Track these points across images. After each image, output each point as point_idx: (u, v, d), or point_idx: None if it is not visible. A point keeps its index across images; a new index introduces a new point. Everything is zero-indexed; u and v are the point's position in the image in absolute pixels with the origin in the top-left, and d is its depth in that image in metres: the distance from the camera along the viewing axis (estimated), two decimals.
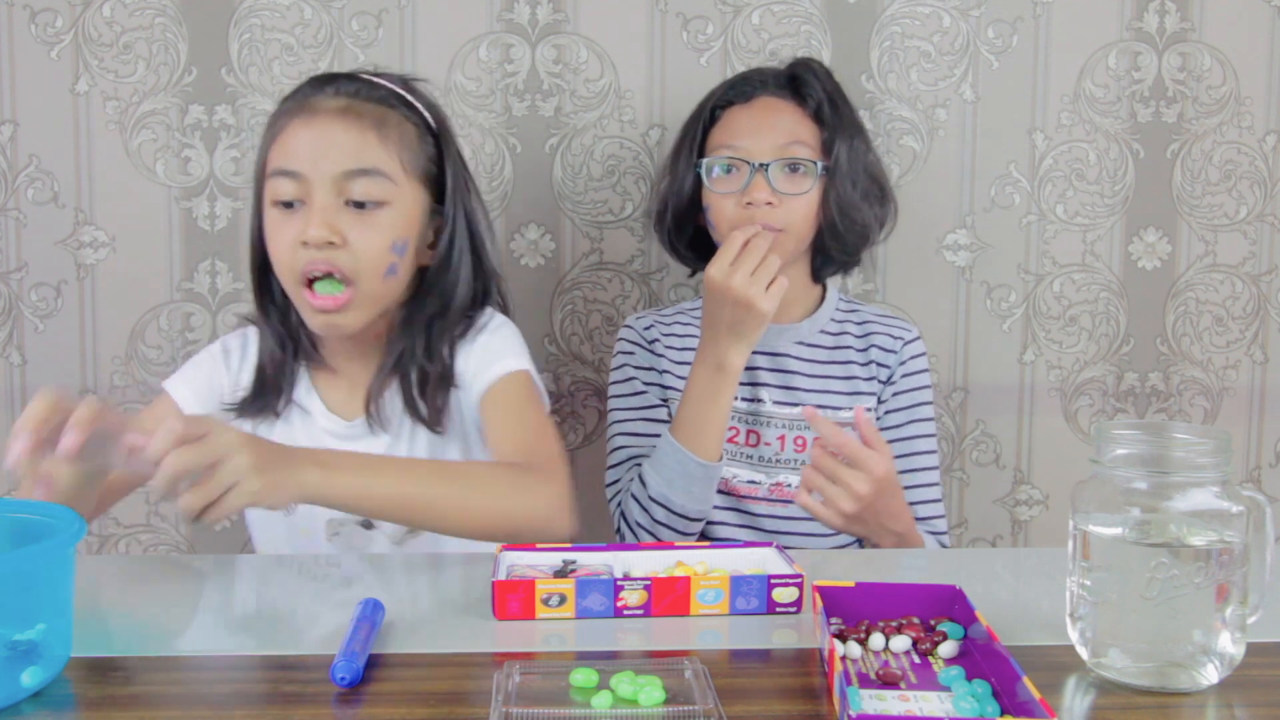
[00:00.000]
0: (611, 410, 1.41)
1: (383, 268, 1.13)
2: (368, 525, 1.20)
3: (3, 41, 1.53)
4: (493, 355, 1.18)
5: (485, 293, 1.24)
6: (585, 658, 0.79)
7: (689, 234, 1.41)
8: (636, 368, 1.41)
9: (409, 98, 1.18)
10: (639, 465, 1.32)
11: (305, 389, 1.22)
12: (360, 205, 1.11)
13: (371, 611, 0.82)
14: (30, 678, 0.71)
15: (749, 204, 1.29)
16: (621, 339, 1.44)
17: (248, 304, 1.56)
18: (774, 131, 1.31)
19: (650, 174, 1.59)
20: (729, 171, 1.31)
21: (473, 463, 1.14)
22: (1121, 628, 0.74)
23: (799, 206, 1.30)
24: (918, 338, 1.40)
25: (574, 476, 1.65)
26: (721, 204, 1.31)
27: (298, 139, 1.12)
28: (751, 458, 1.37)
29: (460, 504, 0.99)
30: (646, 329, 1.43)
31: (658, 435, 1.34)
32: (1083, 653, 0.77)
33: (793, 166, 1.30)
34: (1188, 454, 0.75)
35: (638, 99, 1.59)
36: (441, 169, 1.19)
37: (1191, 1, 1.62)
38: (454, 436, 1.20)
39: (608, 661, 0.76)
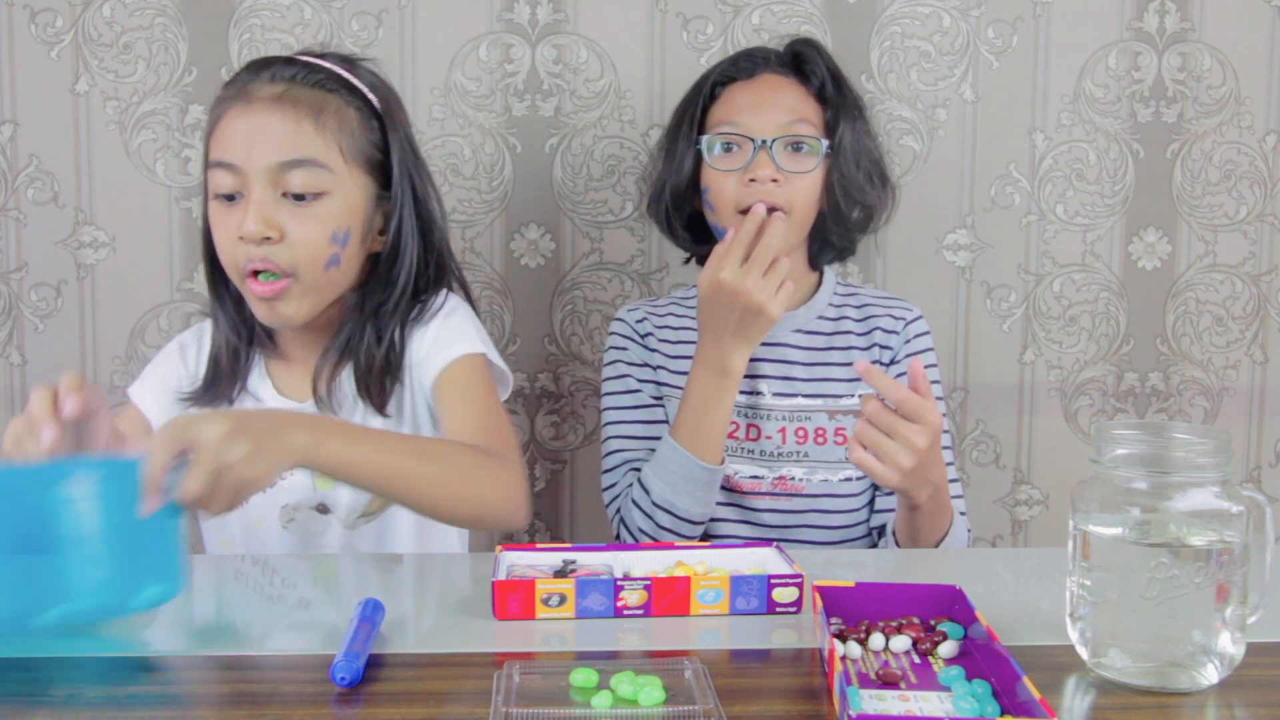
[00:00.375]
0: (605, 410, 1.39)
1: (323, 260, 1.10)
2: (323, 510, 1.18)
3: (3, 41, 1.53)
4: (445, 339, 1.16)
5: (439, 275, 1.21)
6: (585, 658, 0.79)
7: (686, 215, 1.36)
8: (629, 364, 1.38)
9: (351, 80, 1.14)
10: (637, 470, 1.31)
11: (259, 375, 1.21)
12: (300, 197, 1.08)
13: (371, 611, 0.82)
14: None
15: (752, 181, 1.25)
16: (613, 333, 1.40)
17: None
18: (777, 108, 1.28)
19: (650, 174, 1.59)
20: (729, 150, 1.28)
21: (445, 441, 1.11)
22: (1121, 628, 0.74)
23: (803, 186, 1.27)
24: (920, 316, 1.38)
25: (574, 476, 1.66)
26: (723, 182, 1.27)
27: (234, 129, 1.09)
28: (753, 452, 1.34)
29: (435, 481, 0.98)
30: (639, 322, 1.39)
31: (654, 438, 1.33)
32: (1083, 653, 0.77)
33: (796, 145, 1.27)
34: (1188, 454, 0.75)
35: (638, 99, 1.59)
36: (387, 154, 1.16)
37: (1191, 1, 1.62)
38: (405, 422, 1.19)
39: (608, 661, 0.76)
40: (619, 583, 0.87)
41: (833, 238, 1.35)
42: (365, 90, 1.15)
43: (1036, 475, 1.69)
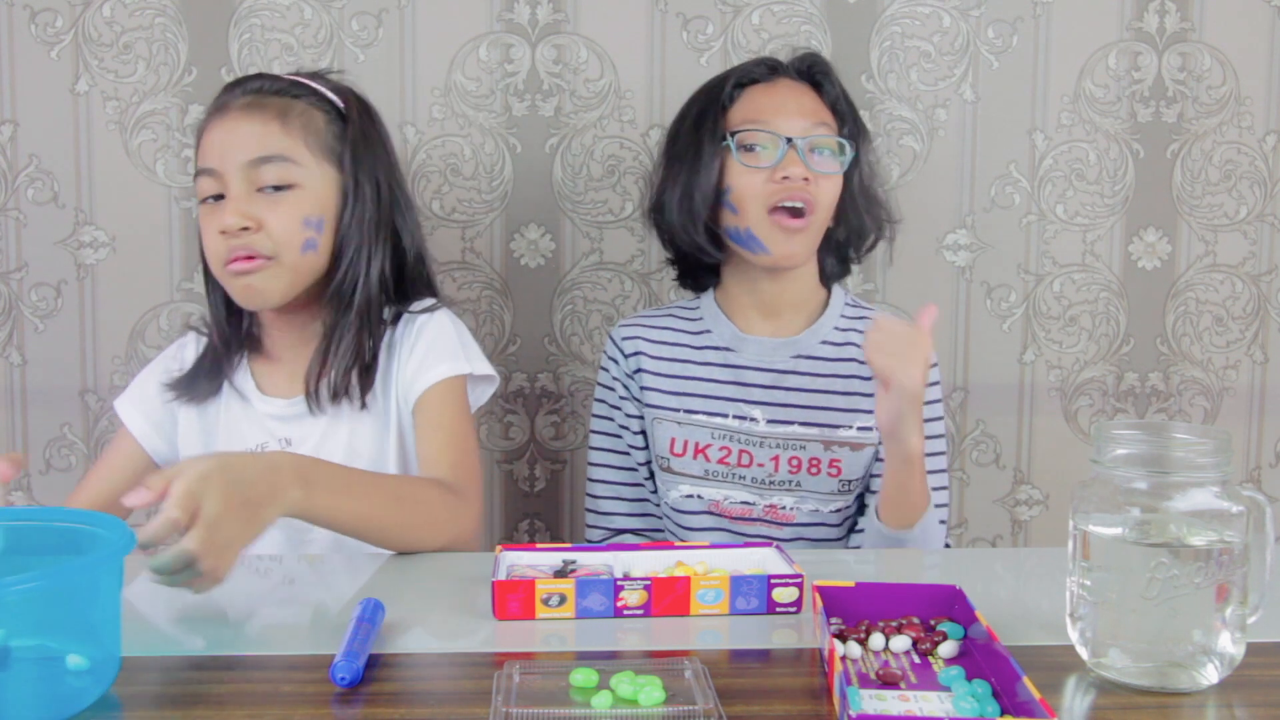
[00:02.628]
0: (592, 450, 1.40)
1: (299, 243, 1.18)
2: None
3: (3, 41, 1.53)
4: (430, 361, 1.22)
5: (416, 277, 1.27)
6: (585, 658, 0.79)
7: (706, 220, 1.32)
8: (612, 405, 1.38)
9: (314, 86, 1.23)
10: (623, 502, 1.38)
11: (243, 376, 1.27)
12: (276, 189, 1.17)
13: (371, 611, 0.82)
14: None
15: (784, 178, 1.24)
16: (605, 354, 1.40)
17: None
18: (800, 111, 1.28)
19: (649, 174, 1.59)
20: (751, 150, 1.27)
21: (417, 482, 1.15)
22: (1121, 628, 0.74)
23: (828, 187, 1.28)
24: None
25: (574, 476, 1.66)
26: (750, 181, 1.26)
27: (212, 138, 1.19)
28: (744, 478, 1.32)
29: (407, 525, 1.06)
30: (626, 340, 1.38)
31: (633, 469, 1.37)
32: (1083, 653, 0.77)
33: (819, 148, 1.28)
34: (1188, 454, 0.75)
35: (638, 99, 1.59)
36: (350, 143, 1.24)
37: (1191, 1, 1.62)
38: (390, 422, 1.23)
39: (608, 661, 0.76)
40: (619, 583, 0.87)
41: (846, 251, 1.36)
42: (327, 92, 1.24)
43: (1036, 475, 1.69)
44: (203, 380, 1.26)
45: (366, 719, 0.69)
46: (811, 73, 1.33)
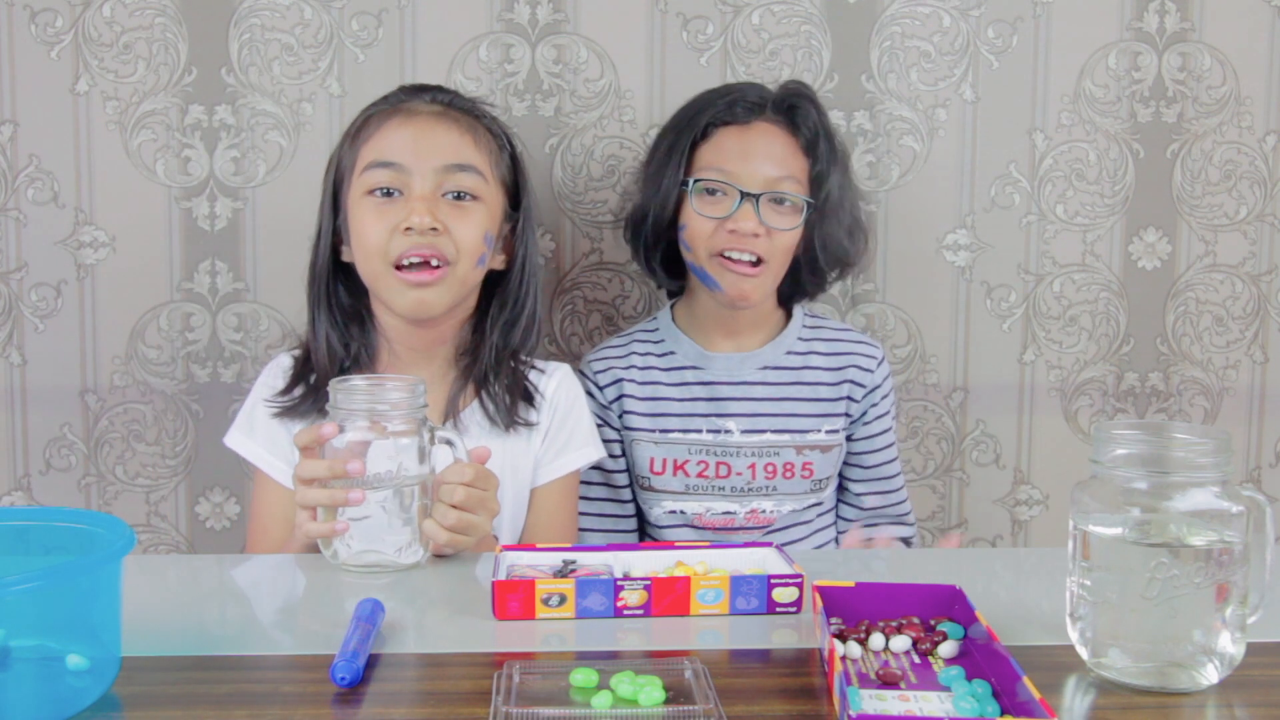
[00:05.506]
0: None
1: (476, 255, 1.21)
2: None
3: (3, 41, 1.53)
4: (568, 443, 1.26)
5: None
6: (585, 658, 0.79)
7: (663, 246, 1.38)
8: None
9: (492, 114, 1.30)
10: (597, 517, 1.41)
11: None
12: (458, 197, 1.20)
13: (371, 611, 0.82)
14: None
15: (732, 231, 1.28)
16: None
17: (248, 304, 1.57)
18: (768, 161, 1.30)
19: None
20: (712, 194, 1.30)
21: None
22: (1121, 628, 0.74)
23: (783, 240, 1.30)
24: (884, 357, 1.44)
25: None
26: (701, 225, 1.30)
27: (398, 135, 1.20)
28: (723, 489, 1.37)
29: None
30: (600, 373, 1.40)
31: (622, 502, 1.39)
32: (1083, 653, 0.77)
33: (781, 200, 1.30)
34: (1188, 454, 0.75)
35: (638, 99, 1.59)
36: (515, 178, 1.29)
37: (1191, 1, 1.62)
38: (507, 466, 1.24)
39: (608, 661, 0.76)
40: (619, 583, 0.87)
41: (806, 286, 1.39)
42: (501, 131, 1.29)
43: (1036, 475, 1.69)
44: (311, 400, 1.23)
45: (366, 719, 0.69)
46: (790, 112, 1.34)
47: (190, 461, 1.59)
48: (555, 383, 1.29)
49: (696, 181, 1.30)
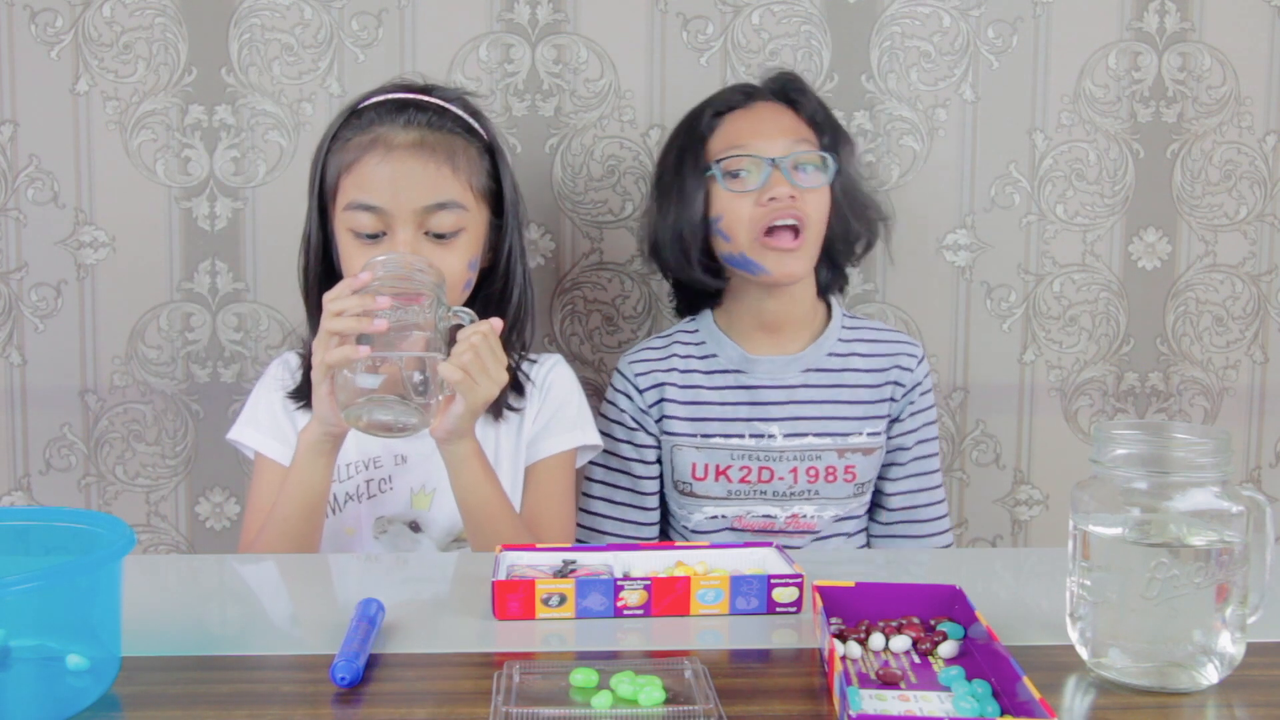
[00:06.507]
0: (590, 480, 1.40)
1: (461, 283, 1.21)
2: (415, 528, 1.25)
3: (3, 41, 1.54)
4: (554, 426, 1.27)
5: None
6: (585, 658, 0.79)
7: (699, 253, 1.35)
8: (621, 439, 1.39)
9: (472, 123, 1.25)
10: (612, 520, 1.39)
11: None
12: (441, 235, 1.18)
13: (371, 611, 0.82)
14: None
15: (771, 200, 1.27)
16: (613, 387, 1.41)
17: (248, 304, 1.57)
18: (779, 130, 1.31)
19: (650, 174, 1.59)
20: (736, 176, 1.30)
21: (519, 520, 1.21)
22: (1121, 628, 0.74)
23: (817, 201, 1.30)
24: (925, 356, 1.43)
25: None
26: (738, 206, 1.29)
27: (376, 174, 1.17)
28: (765, 493, 1.36)
29: (495, 538, 1.11)
30: (640, 375, 1.39)
31: (642, 509, 1.38)
32: (1083, 653, 0.77)
33: (805, 164, 1.30)
34: (1188, 454, 0.75)
35: (638, 99, 1.59)
36: (497, 182, 1.26)
37: (1191, 1, 1.62)
38: (504, 454, 1.26)
39: (608, 661, 0.76)
40: (619, 583, 0.87)
41: (839, 259, 1.38)
42: (481, 130, 1.25)
43: (1036, 475, 1.69)
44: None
45: (366, 719, 0.69)
46: (786, 91, 1.36)
47: (190, 461, 1.59)
48: (545, 369, 1.31)
49: (719, 163, 1.30)
